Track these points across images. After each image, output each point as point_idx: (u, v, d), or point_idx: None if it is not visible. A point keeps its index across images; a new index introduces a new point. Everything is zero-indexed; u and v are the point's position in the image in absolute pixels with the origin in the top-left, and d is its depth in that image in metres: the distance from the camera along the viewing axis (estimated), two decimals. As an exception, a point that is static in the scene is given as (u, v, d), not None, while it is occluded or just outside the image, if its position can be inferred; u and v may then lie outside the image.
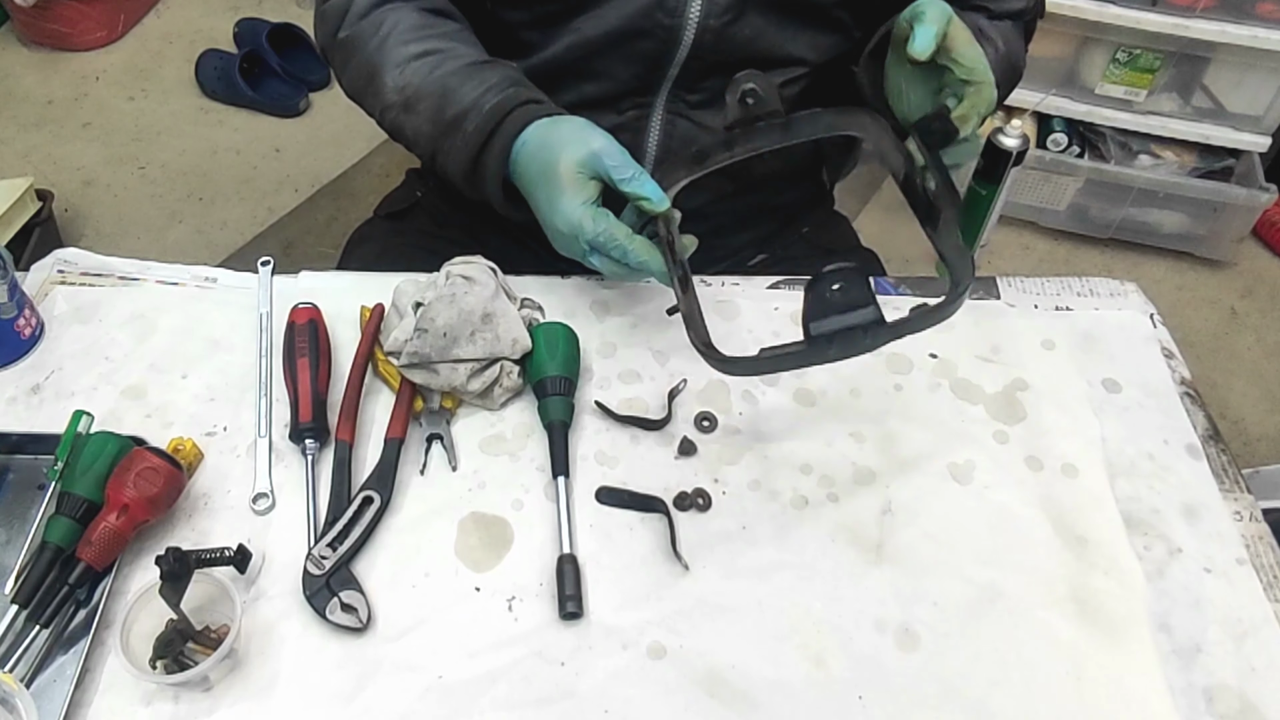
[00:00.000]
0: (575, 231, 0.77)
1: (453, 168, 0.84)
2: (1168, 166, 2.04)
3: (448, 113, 0.83)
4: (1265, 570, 0.74)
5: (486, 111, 0.81)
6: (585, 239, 0.77)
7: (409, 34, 0.86)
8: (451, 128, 0.83)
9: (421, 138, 0.86)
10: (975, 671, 0.68)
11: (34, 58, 2.53)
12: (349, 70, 0.89)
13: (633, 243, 0.77)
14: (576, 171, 0.77)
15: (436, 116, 0.83)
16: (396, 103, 0.85)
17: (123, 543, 0.70)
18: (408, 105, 0.85)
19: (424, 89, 0.84)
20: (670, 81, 0.89)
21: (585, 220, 0.77)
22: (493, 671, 0.68)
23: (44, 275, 0.93)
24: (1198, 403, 0.85)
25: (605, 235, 0.77)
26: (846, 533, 0.75)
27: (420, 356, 0.79)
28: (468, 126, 0.82)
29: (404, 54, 0.85)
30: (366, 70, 0.87)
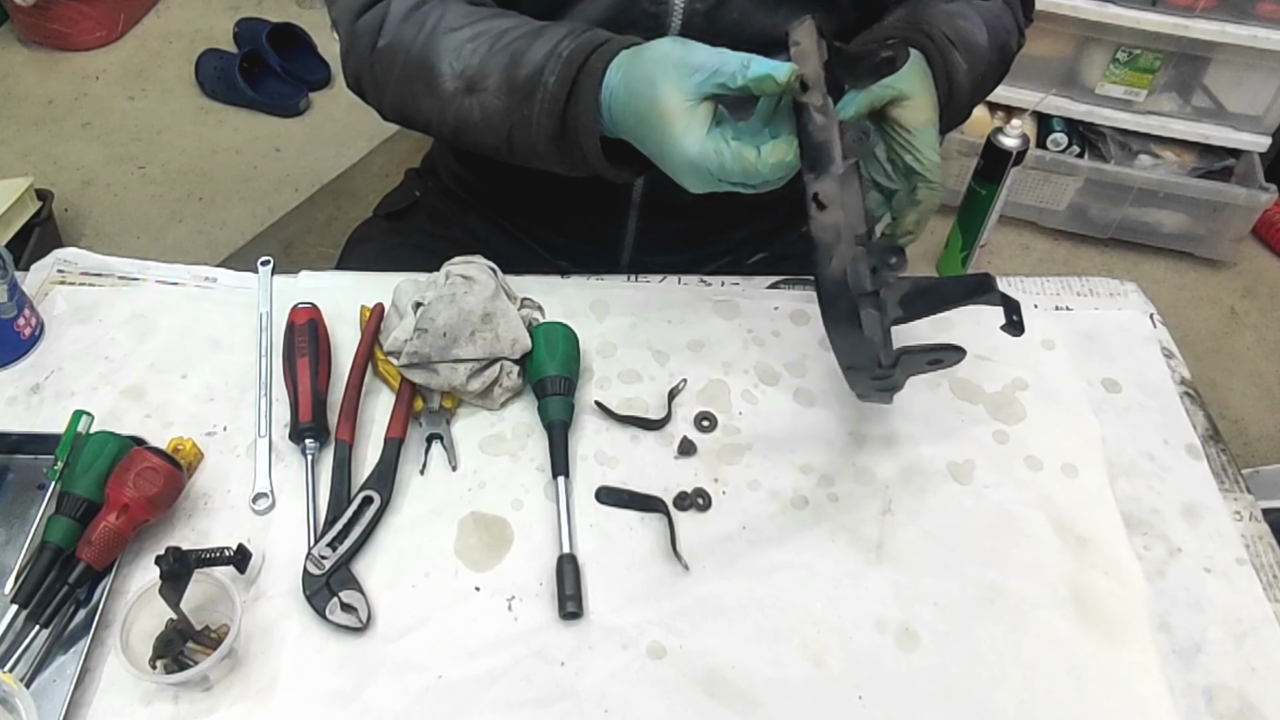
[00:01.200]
0: (702, 172, 0.68)
1: (537, 138, 0.75)
2: (1168, 166, 2.04)
3: (520, 76, 0.74)
4: (1265, 570, 0.74)
5: (565, 59, 0.73)
6: (715, 175, 0.68)
7: (457, 20, 0.80)
8: (527, 91, 0.74)
9: (494, 115, 0.77)
10: (975, 671, 0.68)
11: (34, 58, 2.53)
12: (395, 75, 0.82)
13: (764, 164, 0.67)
14: (683, 103, 0.68)
15: (507, 86, 0.75)
16: (458, 89, 0.78)
17: (123, 542, 0.70)
18: (471, 86, 0.77)
19: (488, 63, 0.76)
20: None
21: (707, 156, 0.67)
22: (492, 671, 0.68)
23: (44, 275, 0.93)
24: (1197, 403, 0.85)
25: (737, 167, 0.67)
26: (846, 533, 0.75)
27: (420, 356, 0.79)
28: (547, 79, 0.73)
29: (457, 39, 0.78)
30: (417, 67, 0.80)
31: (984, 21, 0.87)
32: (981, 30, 0.86)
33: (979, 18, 0.87)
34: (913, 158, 0.76)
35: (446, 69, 0.78)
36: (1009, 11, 0.91)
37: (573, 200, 0.98)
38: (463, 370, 0.79)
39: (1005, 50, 0.90)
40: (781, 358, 0.87)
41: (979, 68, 0.84)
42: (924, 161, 0.76)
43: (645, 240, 0.99)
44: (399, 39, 0.81)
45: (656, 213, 0.96)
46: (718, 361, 0.87)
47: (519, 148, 0.78)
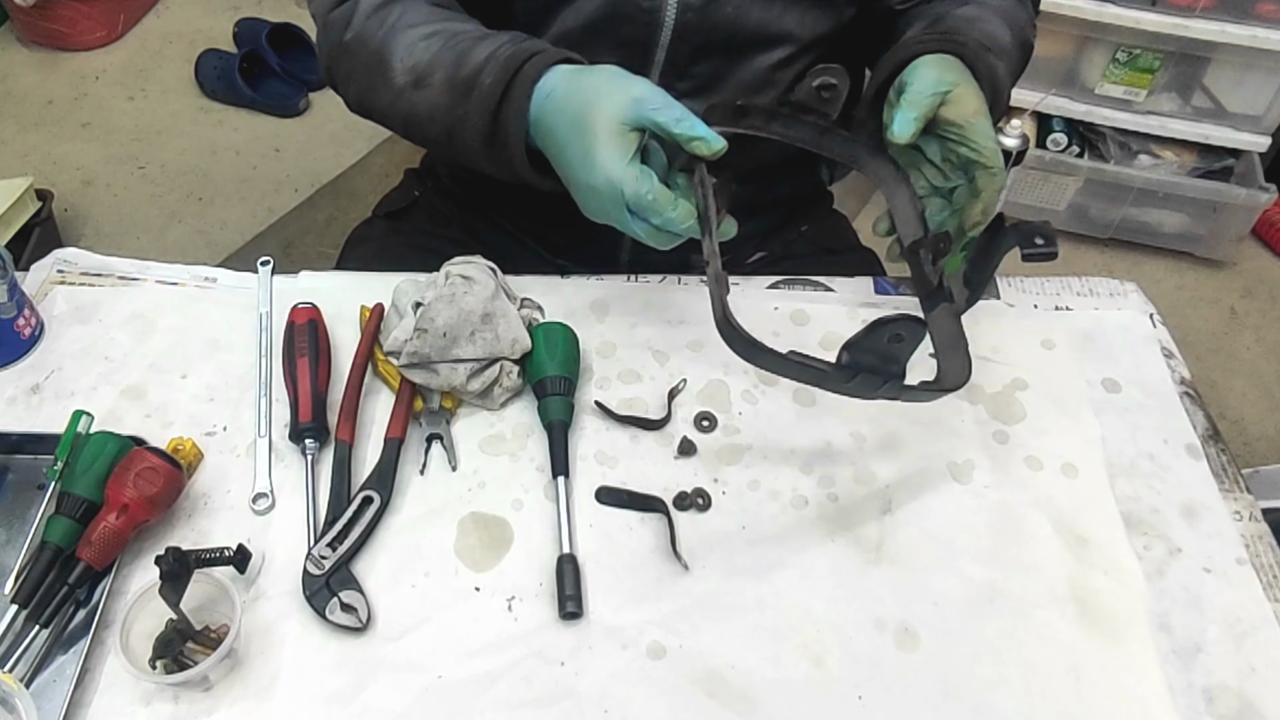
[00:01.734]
0: (615, 192, 0.70)
1: (471, 136, 0.78)
2: (1167, 166, 2.04)
3: (461, 74, 0.77)
4: (1265, 570, 0.74)
5: (503, 61, 0.75)
6: (628, 199, 0.70)
7: (416, 18, 0.82)
8: (466, 88, 0.76)
9: (437, 111, 0.79)
10: (975, 671, 0.68)
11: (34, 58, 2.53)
12: (356, 69, 0.84)
13: (677, 209, 0.70)
14: (618, 122, 0.70)
15: (450, 83, 0.78)
16: (407, 84, 0.80)
17: (122, 543, 0.70)
18: (419, 81, 0.80)
19: (436, 60, 0.79)
20: (658, 68, 0.89)
21: (628, 179, 0.69)
22: (492, 671, 0.68)
23: (44, 275, 0.93)
24: (1197, 403, 0.85)
25: (650, 198, 0.69)
26: (846, 533, 0.75)
27: (420, 356, 0.79)
28: (484, 80, 0.75)
29: (412, 36, 0.81)
30: (375, 59, 0.82)
31: (1002, 20, 0.88)
32: (1004, 29, 0.87)
33: (997, 18, 0.88)
34: (969, 149, 0.76)
35: (398, 63, 0.81)
36: (1021, 6, 0.92)
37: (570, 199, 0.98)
38: (463, 370, 0.79)
39: (1026, 45, 0.91)
40: (781, 358, 0.87)
41: (1010, 66, 0.85)
42: (981, 150, 0.76)
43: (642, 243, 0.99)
44: (363, 32, 0.83)
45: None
46: (718, 361, 0.87)
47: (458, 145, 0.79)
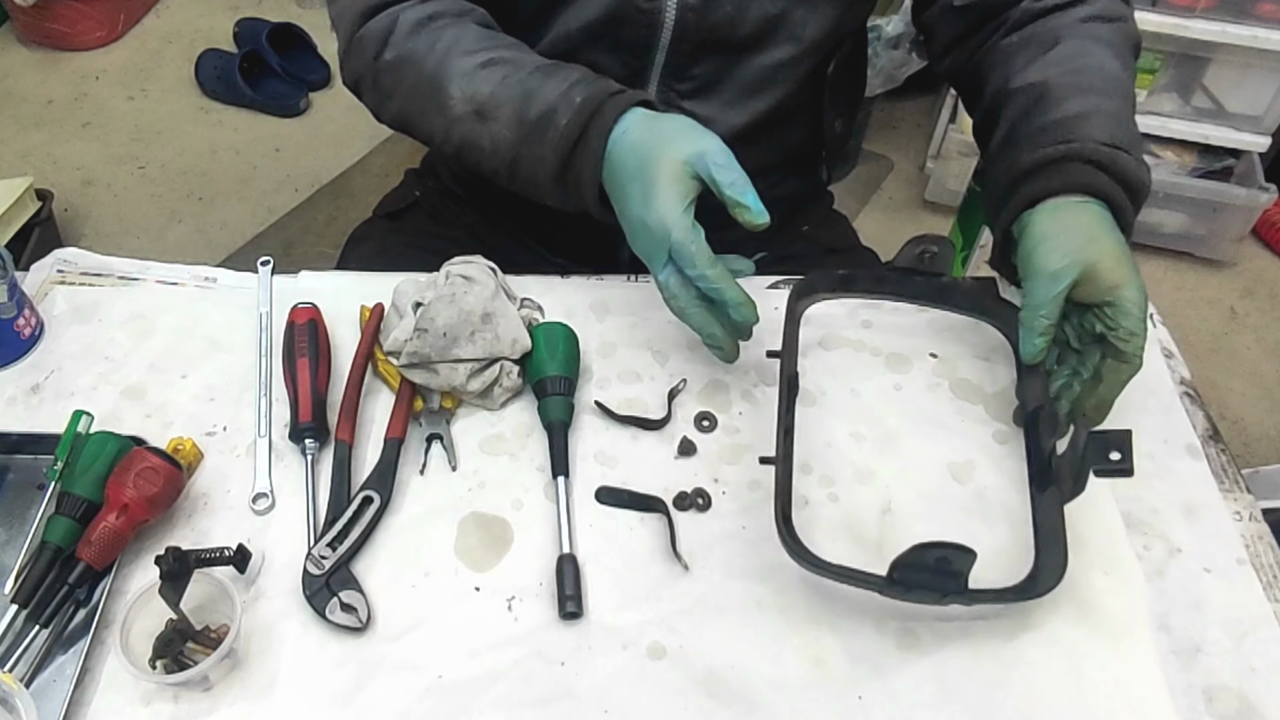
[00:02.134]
0: (665, 231, 0.72)
1: (541, 172, 0.79)
2: (1168, 166, 2.04)
3: (532, 112, 0.77)
4: (1265, 570, 0.74)
5: (579, 104, 0.76)
6: (672, 243, 0.72)
7: (473, 44, 0.81)
8: (538, 128, 0.77)
9: (502, 145, 0.80)
10: (975, 672, 0.68)
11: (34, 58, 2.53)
12: (403, 88, 0.83)
13: (714, 267, 0.73)
14: (682, 165, 0.72)
15: (519, 119, 0.78)
16: (467, 114, 0.80)
17: (122, 542, 0.70)
18: (482, 113, 0.80)
19: (500, 94, 0.79)
20: (659, 69, 0.89)
21: (679, 223, 0.72)
22: (493, 671, 0.68)
23: (44, 275, 0.93)
24: (1197, 403, 0.85)
25: (693, 248, 0.72)
26: (846, 533, 0.75)
27: (420, 356, 0.79)
28: (559, 121, 0.76)
29: (470, 64, 0.80)
30: (428, 84, 0.81)
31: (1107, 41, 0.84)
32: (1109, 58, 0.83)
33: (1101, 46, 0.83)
34: (1108, 328, 0.73)
35: (457, 92, 0.80)
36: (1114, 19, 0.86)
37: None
38: (463, 370, 0.79)
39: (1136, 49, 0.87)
40: (781, 358, 0.87)
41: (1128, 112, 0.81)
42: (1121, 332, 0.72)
43: None
44: (410, 53, 0.82)
45: None
46: (718, 361, 0.87)
47: (520, 178, 0.81)
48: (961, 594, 0.66)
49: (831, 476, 0.79)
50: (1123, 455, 0.66)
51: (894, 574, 0.66)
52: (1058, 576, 0.68)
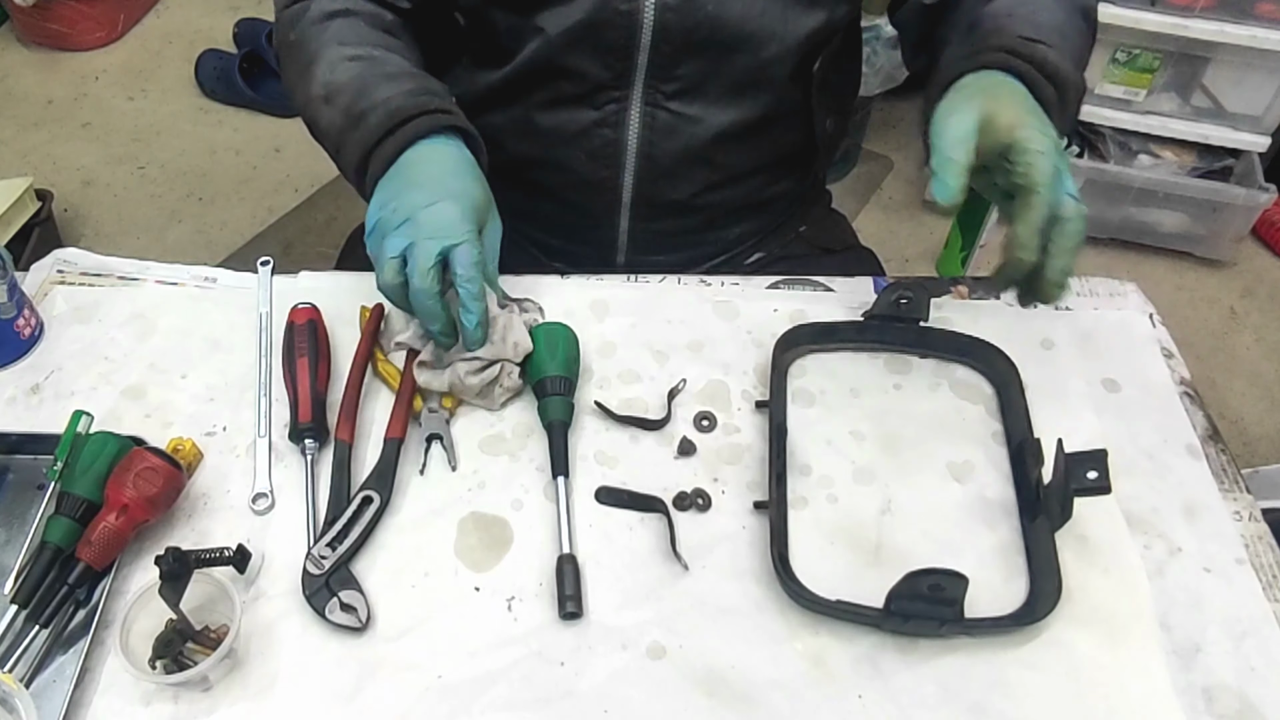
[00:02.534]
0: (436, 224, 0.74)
1: (348, 162, 0.83)
2: (1167, 166, 2.04)
3: (357, 106, 0.82)
4: (1265, 570, 0.74)
5: (391, 110, 0.80)
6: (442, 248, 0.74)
7: (350, 37, 0.87)
8: (357, 121, 0.82)
9: (332, 130, 0.84)
10: (975, 672, 0.68)
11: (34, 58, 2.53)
12: (291, 68, 0.90)
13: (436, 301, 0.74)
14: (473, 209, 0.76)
15: (348, 109, 0.83)
16: (318, 96, 0.85)
17: (122, 543, 0.70)
18: (328, 98, 0.85)
19: (346, 84, 0.84)
20: (642, 70, 0.89)
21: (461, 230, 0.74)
22: (492, 671, 0.68)
23: (44, 275, 0.93)
24: (1197, 402, 0.85)
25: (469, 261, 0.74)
26: (846, 533, 0.75)
27: (435, 356, 0.80)
28: (370, 120, 0.81)
29: (340, 54, 0.86)
30: (304, 65, 0.87)
31: None
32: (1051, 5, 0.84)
33: None
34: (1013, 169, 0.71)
35: (319, 74, 0.86)
36: None
37: (565, 203, 0.98)
38: (463, 369, 0.80)
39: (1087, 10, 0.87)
40: (781, 358, 0.87)
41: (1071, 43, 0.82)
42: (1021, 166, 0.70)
43: (639, 240, 1.00)
44: (304, 36, 0.88)
45: (648, 212, 0.97)
46: (717, 361, 0.87)
47: (341, 164, 0.85)
48: (958, 622, 0.67)
49: (831, 477, 0.79)
50: (1100, 473, 0.68)
51: (890, 605, 0.67)
52: (1053, 602, 0.69)
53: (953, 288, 0.94)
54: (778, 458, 0.77)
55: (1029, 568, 0.73)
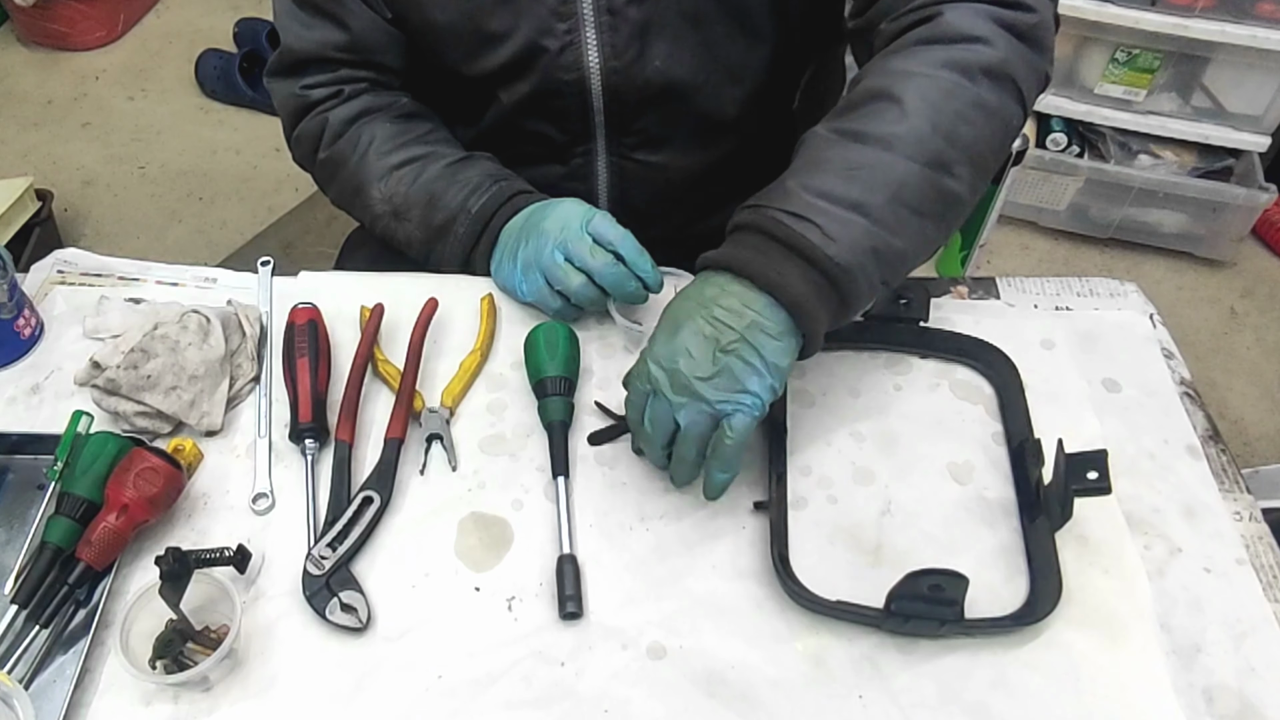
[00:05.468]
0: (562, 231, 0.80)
1: (448, 266, 0.90)
2: (1167, 166, 2.04)
3: (436, 219, 0.87)
4: (1265, 570, 0.74)
5: (474, 215, 0.86)
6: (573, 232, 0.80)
7: (387, 144, 0.90)
8: (441, 233, 0.88)
9: (415, 243, 0.90)
10: (975, 672, 0.68)
11: (34, 58, 2.53)
12: (335, 185, 0.94)
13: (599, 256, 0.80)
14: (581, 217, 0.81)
15: (425, 223, 0.88)
16: (386, 213, 0.90)
17: (122, 543, 0.70)
18: (397, 214, 0.89)
19: (411, 197, 0.88)
20: (602, 128, 0.91)
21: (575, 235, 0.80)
22: (493, 671, 0.68)
23: (44, 275, 0.93)
24: (1197, 403, 0.85)
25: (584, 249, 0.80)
26: (846, 533, 0.75)
27: (114, 386, 0.78)
28: (458, 229, 0.86)
29: (385, 165, 0.89)
30: (351, 186, 0.91)
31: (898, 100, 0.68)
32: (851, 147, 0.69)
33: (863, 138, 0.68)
34: None
35: (376, 192, 0.90)
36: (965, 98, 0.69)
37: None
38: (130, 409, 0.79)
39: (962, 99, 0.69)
40: (781, 358, 0.87)
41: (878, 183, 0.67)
42: None
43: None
44: (338, 154, 0.92)
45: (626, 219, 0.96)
46: (718, 361, 0.87)
47: (433, 266, 0.92)
48: (958, 623, 0.67)
49: (830, 477, 0.79)
50: (1100, 474, 0.68)
51: (890, 606, 0.67)
52: (1053, 602, 0.69)
53: (953, 288, 0.94)
54: (778, 458, 0.77)
55: (1029, 568, 0.73)
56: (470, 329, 0.88)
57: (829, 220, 0.66)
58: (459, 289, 0.91)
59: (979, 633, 0.69)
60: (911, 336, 0.86)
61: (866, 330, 0.86)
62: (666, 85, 0.86)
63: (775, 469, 0.76)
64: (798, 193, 0.67)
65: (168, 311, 0.83)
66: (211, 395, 0.80)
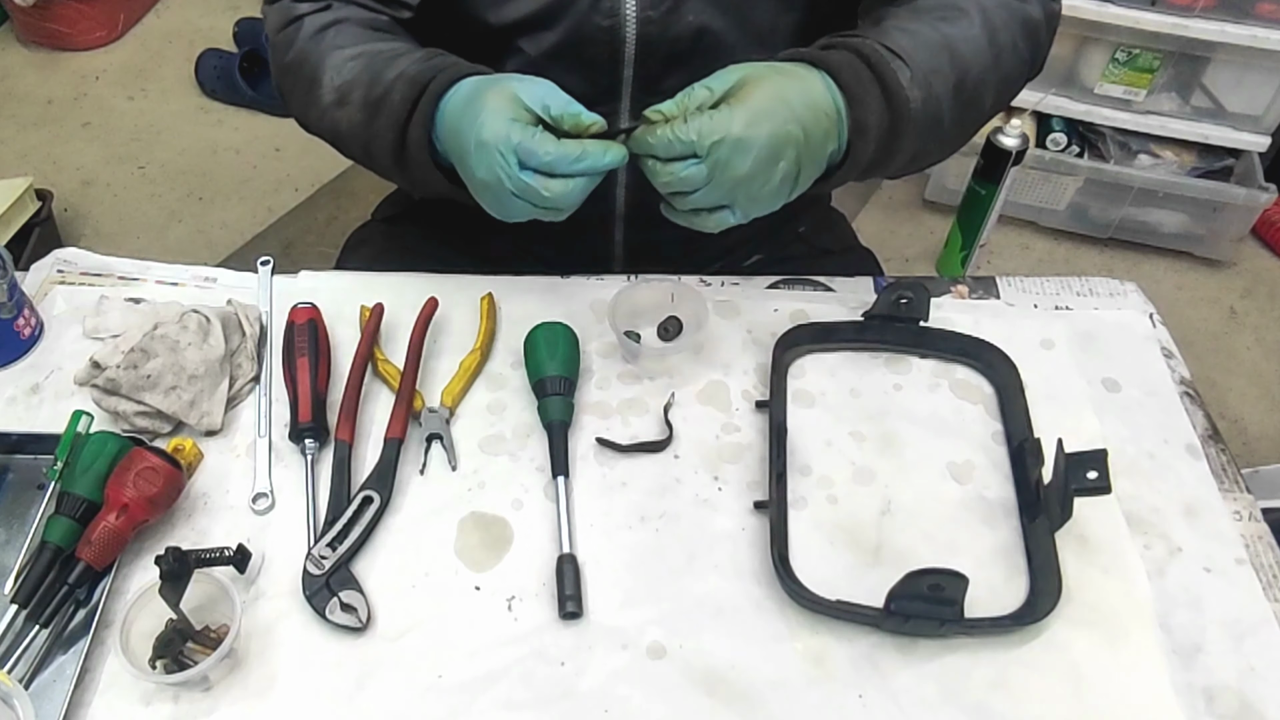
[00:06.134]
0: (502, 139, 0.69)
1: (383, 150, 0.80)
2: (1167, 166, 2.04)
3: (375, 93, 0.80)
4: (1265, 570, 0.74)
5: (410, 77, 0.78)
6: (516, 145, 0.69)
7: (346, 40, 0.86)
8: (379, 106, 0.79)
9: (355, 128, 0.82)
10: (975, 672, 0.68)
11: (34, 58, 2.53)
12: (296, 87, 0.88)
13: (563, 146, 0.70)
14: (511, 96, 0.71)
15: (365, 101, 0.81)
16: (331, 103, 0.84)
17: (122, 542, 0.70)
18: (341, 100, 0.83)
19: (356, 80, 0.82)
20: (629, 84, 0.88)
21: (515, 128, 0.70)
22: (493, 671, 0.68)
23: (44, 275, 0.93)
24: (1197, 402, 0.85)
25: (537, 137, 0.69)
26: (846, 533, 0.75)
27: (113, 386, 0.78)
28: (394, 97, 0.78)
29: (341, 57, 0.84)
30: (308, 79, 0.85)
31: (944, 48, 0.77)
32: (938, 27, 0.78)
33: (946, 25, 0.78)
34: None
35: (327, 81, 0.84)
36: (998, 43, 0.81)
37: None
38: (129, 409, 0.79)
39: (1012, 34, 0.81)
40: (781, 358, 0.87)
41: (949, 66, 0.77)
42: None
43: (635, 251, 0.99)
44: (302, 54, 0.87)
45: (643, 223, 0.96)
46: (717, 362, 0.87)
47: (374, 160, 0.83)
48: (958, 622, 0.67)
49: (830, 477, 0.79)
50: (1100, 474, 0.68)
51: (890, 606, 0.67)
52: (1053, 602, 0.69)
53: (953, 288, 0.94)
54: (778, 458, 0.77)
55: (1029, 568, 0.73)
56: (470, 329, 0.88)
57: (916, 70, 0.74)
58: (459, 289, 0.91)
59: (979, 632, 0.69)
60: (911, 336, 0.86)
61: (867, 330, 0.86)
62: (697, 41, 0.85)
63: (775, 469, 0.76)
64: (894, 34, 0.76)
65: (168, 311, 0.83)
66: (211, 395, 0.80)
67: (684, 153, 0.70)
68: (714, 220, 0.73)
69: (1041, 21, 0.84)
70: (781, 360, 0.84)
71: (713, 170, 0.69)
